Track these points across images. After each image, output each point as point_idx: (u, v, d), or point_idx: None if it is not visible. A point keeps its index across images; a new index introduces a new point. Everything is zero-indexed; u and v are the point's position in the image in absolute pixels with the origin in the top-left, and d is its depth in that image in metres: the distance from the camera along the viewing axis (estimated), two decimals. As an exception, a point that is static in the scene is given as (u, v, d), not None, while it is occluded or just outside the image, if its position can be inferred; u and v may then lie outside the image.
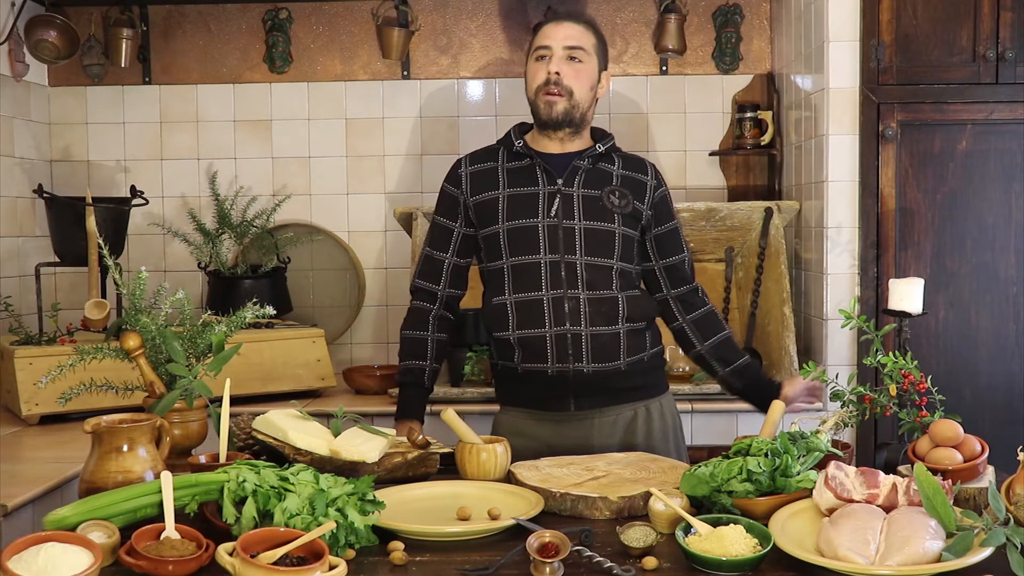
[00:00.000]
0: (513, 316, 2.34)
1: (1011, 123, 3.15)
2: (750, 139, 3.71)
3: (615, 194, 2.37)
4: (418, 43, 3.84)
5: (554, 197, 2.35)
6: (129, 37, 3.71)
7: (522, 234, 2.35)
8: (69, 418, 2.86)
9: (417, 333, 2.46)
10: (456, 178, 2.46)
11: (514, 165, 2.41)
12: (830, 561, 1.52)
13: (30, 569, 1.45)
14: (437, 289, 2.46)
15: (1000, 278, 3.18)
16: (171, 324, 2.09)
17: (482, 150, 2.50)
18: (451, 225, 2.45)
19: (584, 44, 2.38)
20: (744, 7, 3.82)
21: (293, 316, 3.75)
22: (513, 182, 2.39)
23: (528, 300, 2.33)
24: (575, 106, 2.36)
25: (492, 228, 2.38)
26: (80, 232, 3.25)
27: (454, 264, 2.46)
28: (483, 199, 2.40)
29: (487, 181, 2.41)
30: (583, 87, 2.37)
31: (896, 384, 2.12)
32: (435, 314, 2.46)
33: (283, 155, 3.88)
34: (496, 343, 2.41)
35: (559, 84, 2.35)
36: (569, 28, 2.38)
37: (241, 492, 1.66)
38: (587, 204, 2.35)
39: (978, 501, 1.80)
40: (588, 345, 2.32)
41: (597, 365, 2.33)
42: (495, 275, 2.39)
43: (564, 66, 2.36)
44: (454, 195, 2.45)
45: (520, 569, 1.56)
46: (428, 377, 2.45)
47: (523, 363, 2.36)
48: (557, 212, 2.34)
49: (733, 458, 1.81)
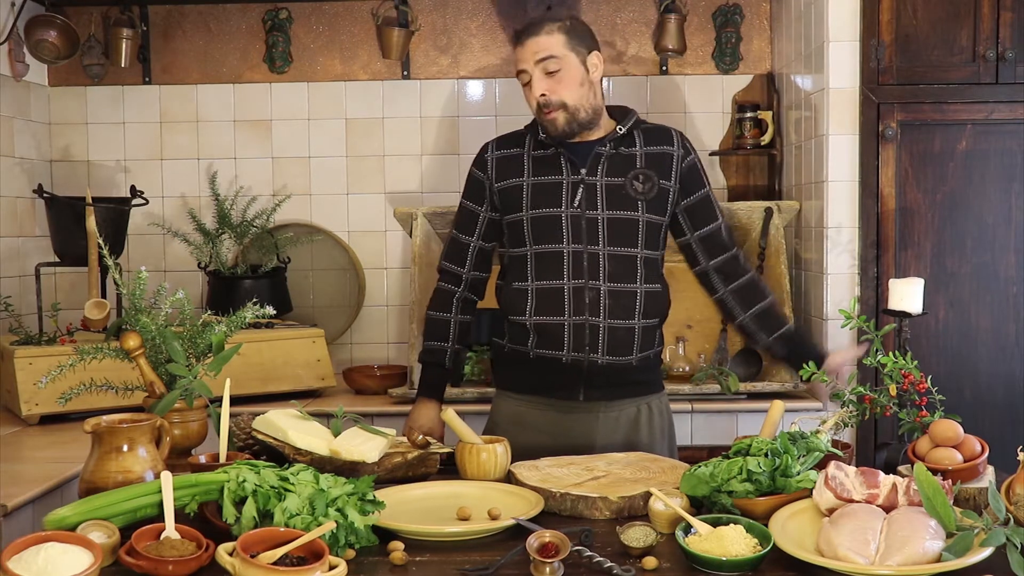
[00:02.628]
0: (532, 302, 2.37)
1: (1011, 123, 3.15)
2: (750, 139, 3.71)
3: (639, 179, 2.37)
4: (418, 43, 3.84)
5: (578, 187, 2.36)
6: (129, 37, 3.71)
7: (546, 223, 2.36)
8: (69, 418, 2.86)
9: (440, 314, 2.50)
10: (483, 162, 2.47)
11: (539, 153, 2.42)
12: (830, 561, 1.52)
13: (30, 569, 1.45)
14: (462, 272, 2.49)
15: (1000, 278, 3.18)
16: (171, 324, 2.09)
17: (510, 135, 2.51)
18: (477, 209, 2.47)
19: (553, 51, 2.34)
20: (744, 7, 3.82)
21: (293, 316, 3.75)
22: (538, 170, 2.40)
23: (549, 288, 2.35)
24: (575, 111, 2.35)
25: (516, 215, 2.40)
26: (80, 232, 3.25)
27: (479, 248, 2.48)
28: (508, 185, 2.42)
29: (512, 167, 2.43)
30: (572, 91, 2.35)
31: (896, 384, 2.12)
32: (459, 296, 2.50)
33: (283, 155, 3.88)
34: (510, 326, 2.43)
35: (549, 103, 2.34)
36: (533, 44, 2.36)
37: (241, 492, 1.66)
38: (610, 193, 2.36)
39: (978, 501, 1.80)
40: (605, 336, 2.33)
41: (611, 357, 2.35)
42: (517, 261, 2.41)
43: (545, 83, 2.34)
44: (480, 179, 2.47)
45: (520, 569, 1.56)
46: (449, 358, 2.49)
47: (537, 348, 2.37)
48: (580, 202, 2.35)
49: (733, 458, 1.81)
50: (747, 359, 3.40)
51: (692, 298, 3.53)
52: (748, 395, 3.22)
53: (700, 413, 3.21)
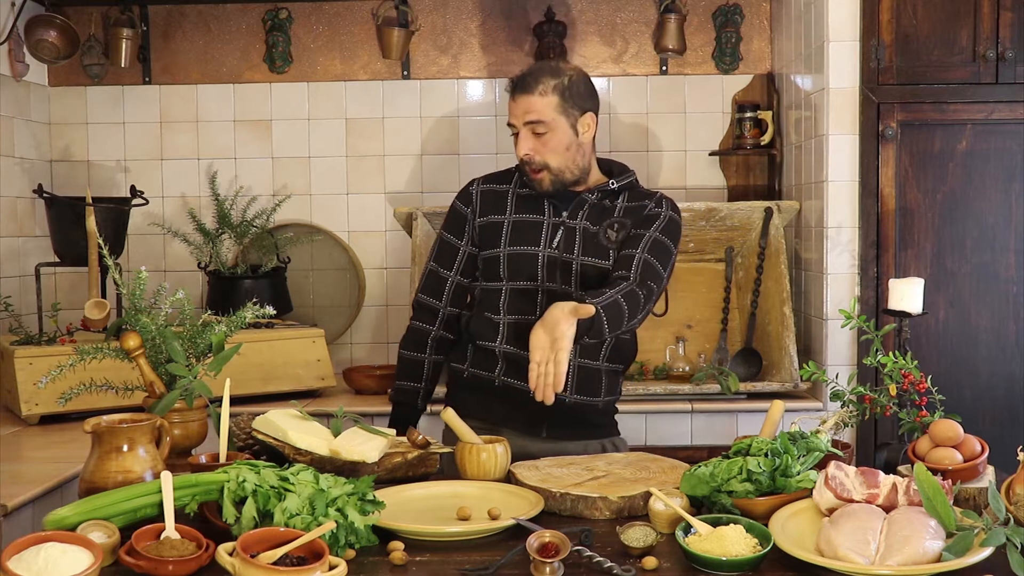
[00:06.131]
0: (504, 332, 2.36)
1: (1011, 123, 3.15)
2: (750, 139, 3.71)
3: (613, 227, 2.35)
4: (418, 43, 3.84)
5: (558, 228, 2.36)
6: (129, 37, 3.71)
7: (523, 261, 2.36)
8: (69, 418, 2.86)
9: (414, 355, 2.49)
10: (467, 196, 2.47)
11: (525, 192, 2.42)
12: (830, 561, 1.52)
13: (30, 569, 1.45)
14: (439, 306, 2.47)
15: (1000, 278, 3.18)
16: (171, 324, 2.09)
17: (498, 173, 2.51)
18: (457, 243, 2.46)
19: (543, 115, 2.31)
20: (744, 7, 3.82)
21: (293, 316, 3.75)
22: (520, 208, 2.40)
23: (522, 322, 2.33)
24: (559, 172, 2.35)
25: (494, 251, 2.39)
26: (80, 232, 3.25)
27: (457, 283, 2.47)
28: (489, 221, 2.42)
29: (496, 203, 2.43)
30: (557, 156, 2.33)
31: (896, 384, 2.12)
32: (434, 336, 2.48)
33: (283, 155, 3.88)
34: (475, 351, 2.40)
35: (532, 163, 2.33)
36: (524, 103, 2.33)
37: (241, 492, 1.66)
38: (586, 239, 2.35)
39: (978, 501, 1.80)
40: (574, 375, 2.33)
41: (578, 397, 2.36)
42: (491, 294, 2.40)
43: (531, 143, 2.32)
44: (463, 213, 2.46)
45: (520, 569, 1.56)
46: (422, 399, 2.49)
47: (504, 376, 2.36)
48: (559, 244, 2.35)
49: (733, 458, 1.81)
50: (747, 359, 3.40)
51: (692, 298, 3.54)
52: (748, 395, 3.23)
53: (700, 413, 3.22)
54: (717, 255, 3.56)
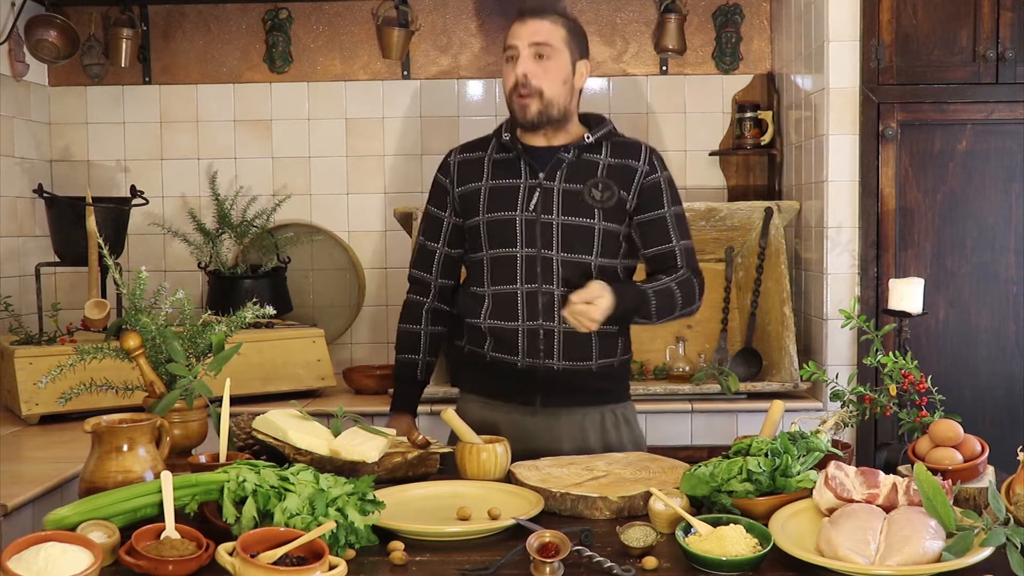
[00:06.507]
0: (488, 305, 2.36)
1: (1011, 123, 3.15)
2: (750, 139, 3.71)
3: (598, 187, 2.33)
4: (418, 43, 3.84)
5: (534, 191, 2.34)
6: (129, 37, 3.71)
7: (501, 227, 2.35)
8: (69, 418, 2.86)
9: (411, 327, 2.50)
10: (446, 167, 2.46)
11: (500, 157, 2.40)
12: (830, 561, 1.52)
13: (30, 569, 1.45)
14: (430, 279, 2.48)
15: (1000, 278, 3.18)
16: (171, 324, 2.09)
17: (474, 141, 2.49)
18: (441, 215, 2.46)
19: (551, 40, 2.31)
20: (744, 7, 3.82)
21: (293, 316, 3.75)
22: (496, 174, 2.39)
23: (504, 293, 2.34)
24: (549, 105, 2.32)
25: (475, 219, 2.39)
26: (80, 232, 3.25)
27: (445, 254, 2.47)
28: (467, 190, 2.41)
29: (473, 172, 2.41)
30: (554, 84, 2.32)
31: (896, 384, 2.12)
32: (428, 307, 2.49)
33: (283, 155, 3.88)
34: (468, 328, 2.42)
35: (527, 86, 2.30)
36: (535, 25, 2.32)
37: (241, 492, 1.66)
38: (567, 199, 2.33)
39: (978, 501, 1.80)
40: (560, 342, 2.32)
41: (567, 363, 2.34)
42: (476, 265, 2.41)
43: (531, 65, 2.31)
44: (443, 184, 2.46)
45: (520, 569, 1.56)
46: (421, 371, 2.49)
47: (493, 352, 2.37)
48: (536, 207, 2.33)
49: (733, 458, 1.81)
50: (747, 359, 3.40)
51: (692, 298, 3.53)
52: (748, 395, 3.22)
53: (700, 413, 3.22)
54: (717, 255, 3.56)
